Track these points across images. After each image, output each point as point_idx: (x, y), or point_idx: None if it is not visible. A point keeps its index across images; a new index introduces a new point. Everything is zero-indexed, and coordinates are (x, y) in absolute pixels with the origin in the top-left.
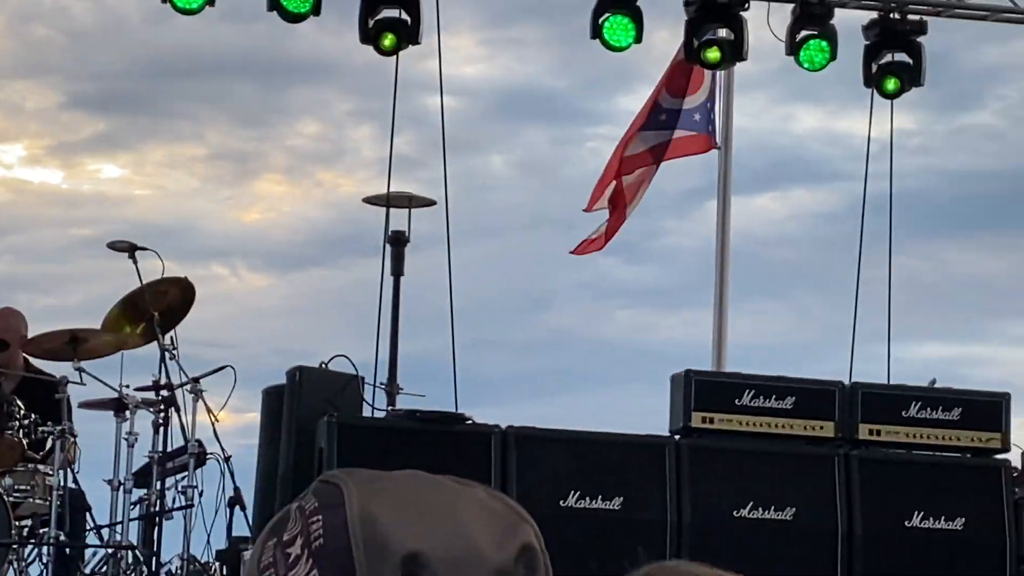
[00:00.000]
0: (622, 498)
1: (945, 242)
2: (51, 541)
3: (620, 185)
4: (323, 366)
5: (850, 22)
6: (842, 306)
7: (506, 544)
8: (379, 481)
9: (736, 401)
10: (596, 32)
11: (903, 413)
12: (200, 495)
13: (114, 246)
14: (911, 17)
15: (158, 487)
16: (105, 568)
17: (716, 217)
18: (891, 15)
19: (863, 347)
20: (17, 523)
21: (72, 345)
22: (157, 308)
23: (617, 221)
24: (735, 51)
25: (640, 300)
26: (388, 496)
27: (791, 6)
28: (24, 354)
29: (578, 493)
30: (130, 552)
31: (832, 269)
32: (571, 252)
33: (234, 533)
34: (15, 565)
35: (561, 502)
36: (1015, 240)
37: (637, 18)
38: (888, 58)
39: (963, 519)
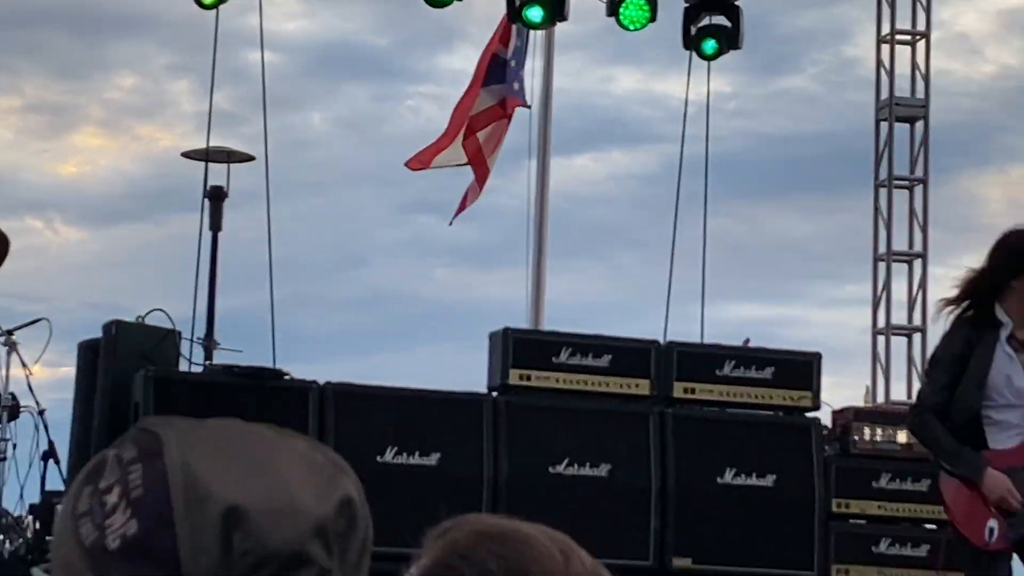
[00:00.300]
0: (439, 454)
1: (760, 204)
2: None
3: (476, 141)
4: (140, 320)
5: None
6: (658, 266)
7: (327, 497)
8: (198, 431)
9: (553, 359)
10: None
11: (717, 372)
12: (13, 448)
13: None
14: None
15: None
16: None
17: (535, 177)
18: None
19: (679, 307)
20: None
21: None
22: None
23: (484, 175)
24: (557, 11)
25: (459, 259)
26: (208, 446)
27: None
28: None
29: (395, 449)
30: None
31: (649, 230)
32: (450, 224)
33: (48, 487)
34: None
35: (378, 458)
36: (828, 203)
37: None
38: (707, 21)
39: (774, 476)
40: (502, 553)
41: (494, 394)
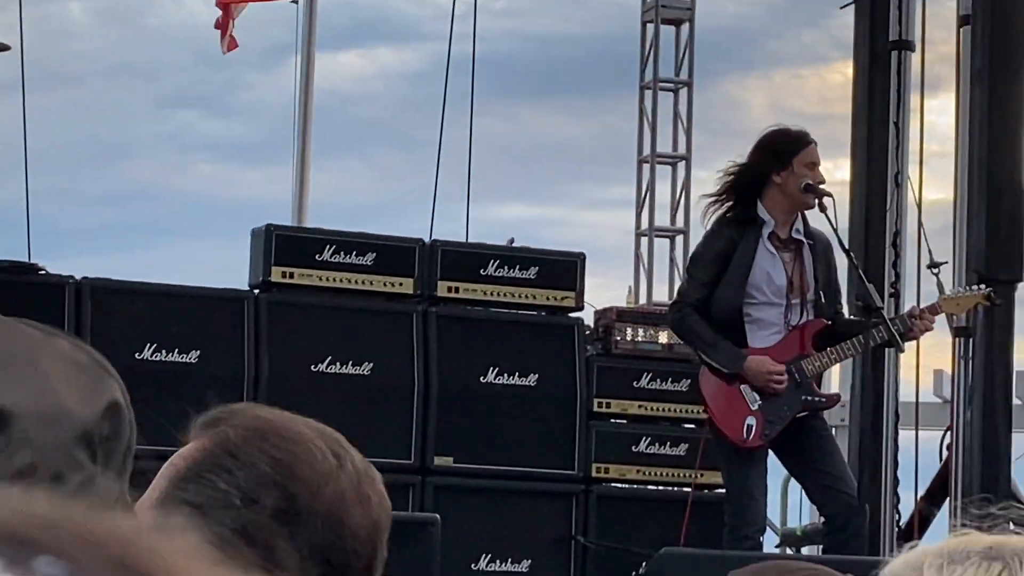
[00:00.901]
0: (199, 352)
1: (526, 105)
2: None
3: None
4: None
5: None
6: (424, 166)
7: (92, 400)
8: None
9: (317, 256)
10: None
11: (481, 271)
12: None
13: None
14: None
15: None
16: None
17: (299, 73)
18: None
19: (444, 207)
20: None
21: None
22: None
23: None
24: None
25: (222, 155)
26: None
27: None
28: None
29: (154, 346)
30: None
31: (415, 129)
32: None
33: None
34: None
35: (137, 355)
36: (594, 104)
37: None
38: None
39: (536, 375)
40: (273, 454)
41: (255, 291)
